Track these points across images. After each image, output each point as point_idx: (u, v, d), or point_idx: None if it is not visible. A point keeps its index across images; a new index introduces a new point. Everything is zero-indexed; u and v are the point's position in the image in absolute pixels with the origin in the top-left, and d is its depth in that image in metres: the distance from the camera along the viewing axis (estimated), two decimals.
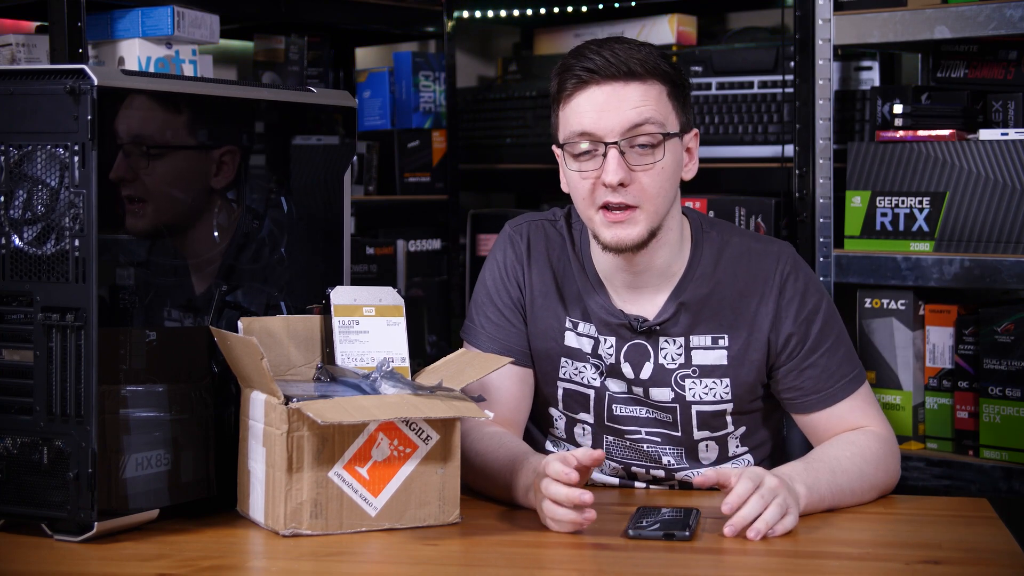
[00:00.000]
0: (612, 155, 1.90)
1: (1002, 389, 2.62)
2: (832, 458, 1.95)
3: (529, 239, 2.11)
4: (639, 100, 1.91)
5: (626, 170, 1.90)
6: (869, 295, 2.79)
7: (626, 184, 1.91)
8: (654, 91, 1.92)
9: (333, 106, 2.01)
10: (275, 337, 1.89)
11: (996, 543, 1.76)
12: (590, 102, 1.92)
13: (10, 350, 1.75)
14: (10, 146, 1.73)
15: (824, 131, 2.81)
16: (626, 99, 1.91)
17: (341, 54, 3.44)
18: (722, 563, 1.72)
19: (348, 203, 2.05)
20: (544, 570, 1.68)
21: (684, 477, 2.07)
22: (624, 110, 1.90)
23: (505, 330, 2.09)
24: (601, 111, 1.91)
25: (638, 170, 1.91)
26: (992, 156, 2.61)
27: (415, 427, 1.78)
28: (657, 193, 1.93)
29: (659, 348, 2.04)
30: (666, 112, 1.94)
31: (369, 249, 3.20)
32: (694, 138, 2.01)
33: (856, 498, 1.96)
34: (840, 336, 2.07)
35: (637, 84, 1.91)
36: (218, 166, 1.89)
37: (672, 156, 1.94)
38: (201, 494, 1.85)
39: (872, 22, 2.73)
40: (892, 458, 2.04)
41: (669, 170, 1.94)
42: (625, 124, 1.90)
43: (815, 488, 1.89)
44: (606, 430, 2.07)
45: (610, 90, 1.91)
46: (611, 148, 1.90)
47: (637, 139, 1.90)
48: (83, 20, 2.39)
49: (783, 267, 2.04)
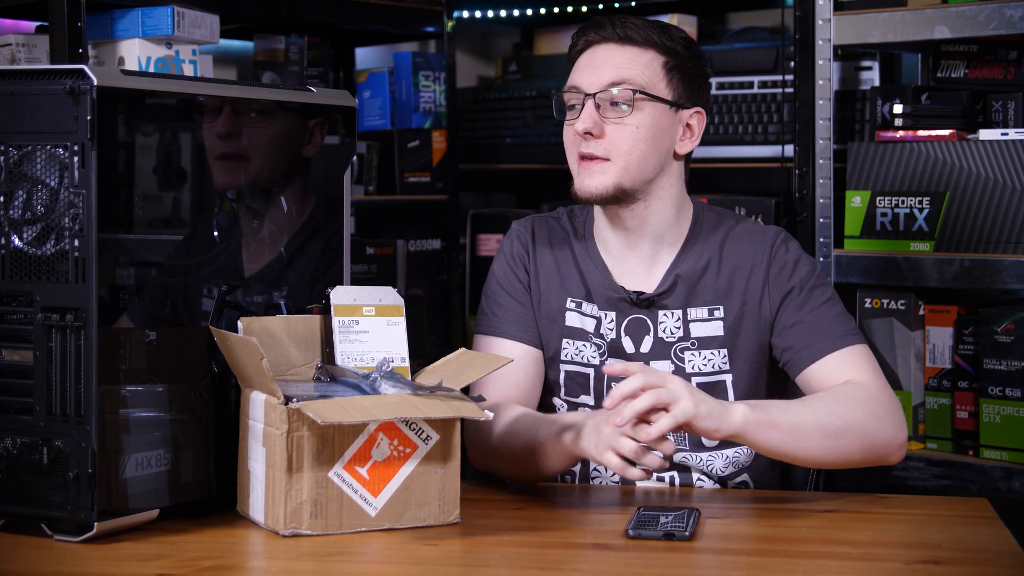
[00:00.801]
0: (587, 105, 2.03)
1: (1002, 389, 2.63)
2: (795, 399, 1.98)
3: (533, 231, 2.19)
4: (626, 61, 2.04)
5: (596, 122, 2.03)
6: (869, 295, 2.79)
7: (596, 135, 2.03)
8: (646, 56, 2.06)
9: (333, 106, 2.02)
10: (275, 337, 1.89)
11: (996, 543, 1.76)
12: (587, 60, 2.07)
13: (10, 350, 1.75)
14: (10, 146, 1.73)
15: (824, 131, 2.81)
16: (614, 58, 2.05)
17: (341, 54, 3.44)
18: (722, 563, 1.72)
19: (348, 203, 2.06)
20: (544, 570, 1.68)
21: (681, 460, 2.07)
22: (608, 69, 2.04)
23: (518, 312, 2.15)
24: (589, 68, 2.06)
25: (609, 123, 2.03)
26: (992, 156, 2.61)
27: (415, 427, 1.78)
28: (629, 150, 2.03)
29: (658, 322, 2.09)
30: (654, 78, 2.05)
31: (369, 249, 3.20)
32: (698, 116, 2.10)
33: (828, 436, 1.91)
34: (832, 300, 2.08)
35: (631, 47, 2.05)
36: (311, 135, 1.99)
37: (651, 119, 2.04)
38: (201, 494, 1.85)
39: (872, 22, 2.73)
40: (879, 405, 1.96)
41: (645, 131, 2.04)
42: (605, 80, 2.03)
43: (762, 408, 1.89)
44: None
45: (605, 50, 2.06)
46: (588, 100, 2.04)
47: (612, 95, 2.03)
48: (83, 20, 2.39)
49: (775, 241, 2.11)
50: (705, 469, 2.08)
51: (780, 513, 1.92)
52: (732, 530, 1.86)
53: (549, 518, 1.90)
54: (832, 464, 1.99)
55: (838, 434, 1.92)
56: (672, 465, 2.08)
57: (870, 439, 1.95)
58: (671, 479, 2.09)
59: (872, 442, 1.95)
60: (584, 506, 1.99)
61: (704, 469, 2.08)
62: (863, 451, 1.95)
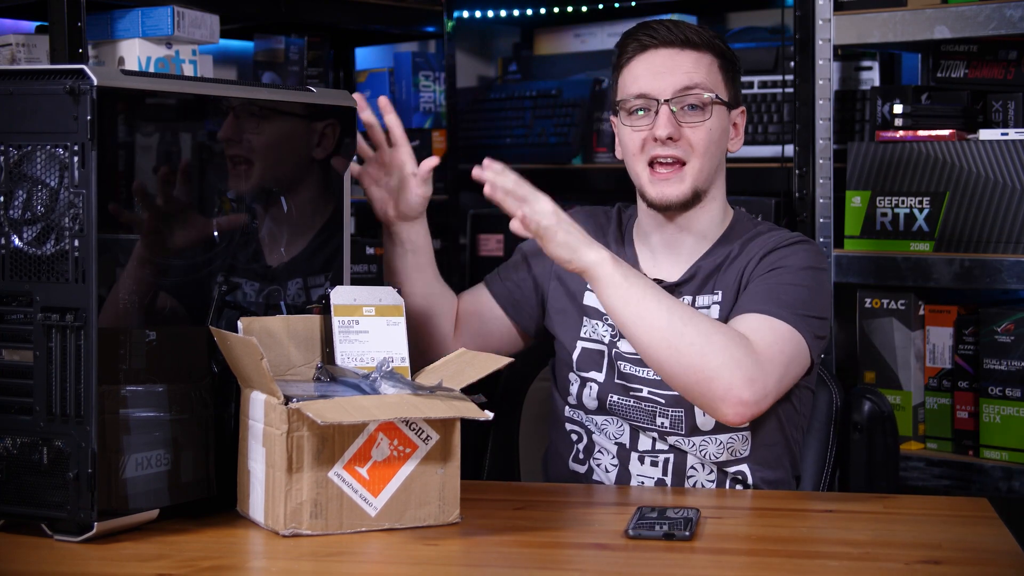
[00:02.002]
0: (664, 111, 2.08)
1: (1002, 389, 2.63)
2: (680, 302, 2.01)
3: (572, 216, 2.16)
4: (691, 66, 2.10)
5: (675, 125, 2.08)
6: (869, 295, 2.79)
7: (675, 139, 2.08)
8: (706, 60, 2.11)
9: (333, 106, 2.02)
10: (275, 337, 1.89)
11: (996, 543, 1.76)
12: (646, 65, 2.11)
13: (10, 350, 1.75)
14: (10, 146, 1.73)
15: (824, 131, 2.81)
16: (680, 64, 2.10)
17: (341, 54, 3.44)
18: (722, 563, 1.72)
19: (348, 203, 2.06)
20: (544, 570, 1.68)
21: (675, 444, 2.09)
22: (677, 73, 2.09)
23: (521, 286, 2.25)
24: (656, 73, 2.09)
25: (687, 126, 2.08)
26: (992, 156, 2.61)
27: (415, 427, 1.78)
28: (704, 151, 2.09)
29: None
30: (716, 81, 2.12)
31: (369, 249, 3.20)
32: (741, 115, 2.17)
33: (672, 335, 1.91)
34: (795, 284, 2.03)
35: (691, 51, 2.11)
36: (321, 137, 1.99)
37: (719, 122, 2.11)
38: (201, 494, 1.85)
39: (872, 22, 2.73)
40: (743, 355, 1.91)
41: (716, 133, 2.10)
42: (677, 85, 2.09)
43: (626, 270, 1.96)
44: (613, 388, 2.13)
45: (666, 54, 2.10)
46: (663, 106, 2.08)
47: (687, 99, 2.09)
48: (83, 20, 2.39)
49: (787, 240, 2.12)
50: (698, 455, 2.08)
51: (780, 513, 1.92)
52: (732, 530, 1.86)
53: (549, 518, 1.90)
54: (658, 367, 1.95)
55: (682, 342, 1.91)
56: (667, 447, 2.09)
57: (708, 371, 1.90)
58: (664, 461, 2.10)
59: (708, 375, 1.90)
60: (584, 506, 1.99)
61: (698, 455, 2.08)
62: (695, 375, 1.91)
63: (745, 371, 1.91)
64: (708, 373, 1.91)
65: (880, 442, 2.26)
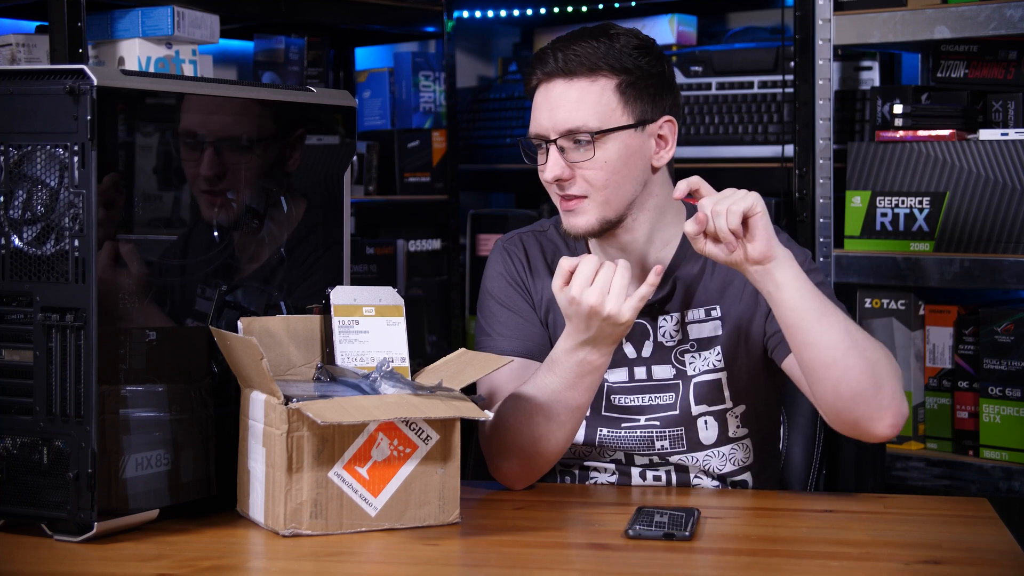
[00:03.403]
0: (551, 152, 1.98)
1: (1002, 389, 2.63)
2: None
3: (526, 251, 2.15)
4: (575, 101, 1.97)
5: (563, 166, 1.98)
6: (869, 295, 2.79)
7: (565, 179, 1.98)
8: (596, 88, 1.97)
9: (333, 106, 2.01)
10: (275, 337, 1.89)
11: (996, 543, 1.76)
12: (540, 100, 2.01)
13: (10, 350, 1.75)
14: (10, 146, 1.73)
15: (824, 131, 2.81)
16: (564, 99, 1.98)
17: (341, 54, 3.44)
18: (722, 563, 1.72)
19: (348, 203, 2.06)
20: (544, 570, 1.68)
21: (679, 461, 2.07)
22: (561, 112, 1.97)
23: (522, 327, 2.11)
24: (544, 111, 1.99)
25: (577, 165, 1.98)
26: (992, 156, 2.61)
27: (415, 427, 1.78)
28: (603, 185, 1.99)
29: (657, 327, 2.07)
30: (610, 107, 1.98)
31: (369, 249, 3.20)
32: (667, 125, 2.03)
33: (849, 336, 1.86)
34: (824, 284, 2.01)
35: (581, 80, 1.98)
36: (291, 149, 1.97)
37: (618, 149, 1.98)
38: (201, 494, 1.85)
39: (872, 22, 2.73)
40: (898, 369, 1.91)
41: (614, 163, 1.98)
42: (560, 126, 1.97)
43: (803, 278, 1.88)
44: (601, 421, 2.08)
45: (554, 88, 1.99)
46: (551, 146, 1.98)
47: (574, 137, 1.97)
48: (83, 20, 2.39)
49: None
50: (703, 468, 2.08)
51: (780, 513, 1.92)
52: (732, 530, 1.86)
53: (549, 518, 1.90)
54: (835, 372, 1.87)
55: (856, 345, 1.87)
56: (669, 464, 2.08)
57: (879, 379, 1.87)
58: (668, 478, 2.09)
59: (880, 385, 1.87)
60: (584, 506, 1.99)
61: (702, 468, 2.08)
62: (870, 384, 1.87)
63: (900, 382, 1.91)
64: (879, 381, 1.88)
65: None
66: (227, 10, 2.72)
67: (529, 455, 1.99)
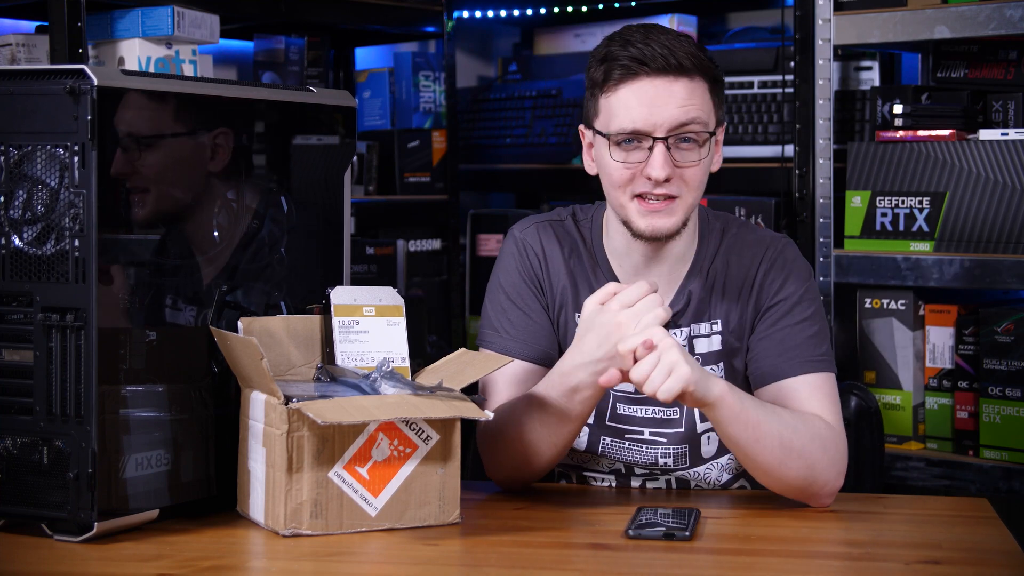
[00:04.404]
0: (659, 150, 1.91)
1: (1002, 389, 2.63)
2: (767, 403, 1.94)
3: (542, 244, 2.09)
4: (686, 98, 1.92)
5: (671, 165, 1.92)
6: (869, 295, 2.79)
7: (671, 179, 1.93)
8: (699, 88, 1.93)
9: (333, 106, 2.01)
10: (275, 337, 1.89)
11: (996, 543, 1.76)
12: (637, 96, 1.92)
13: (10, 350, 1.75)
14: (10, 146, 1.73)
15: (824, 131, 2.81)
16: (675, 95, 1.91)
17: (341, 54, 3.44)
18: (722, 563, 1.72)
19: (348, 203, 2.05)
20: (544, 570, 1.68)
21: (680, 475, 2.07)
22: (672, 107, 1.91)
23: (530, 328, 2.06)
24: (650, 107, 1.91)
25: (683, 166, 1.93)
26: (992, 156, 2.61)
27: (415, 427, 1.78)
28: (698, 186, 1.96)
29: None
30: (708, 109, 1.95)
31: (369, 249, 3.20)
32: (721, 131, 2.02)
33: (783, 449, 1.88)
34: (812, 319, 2.02)
35: (685, 80, 1.92)
36: (213, 150, 1.88)
37: (711, 153, 1.97)
38: (201, 494, 1.85)
39: (872, 22, 2.73)
40: (836, 449, 1.93)
41: (706, 165, 1.96)
42: (673, 121, 1.91)
43: (738, 394, 1.86)
44: (605, 430, 2.07)
45: (659, 84, 1.91)
46: (658, 143, 1.91)
47: (683, 135, 1.92)
48: (83, 20, 2.39)
49: (771, 253, 2.05)
50: (702, 481, 2.07)
51: (780, 513, 1.92)
52: (732, 530, 1.86)
53: (549, 518, 1.90)
54: (773, 479, 1.92)
55: (791, 453, 1.89)
56: (669, 475, 2.08)
57: (814, 473, 1.91)
58: (667, 483, 2.09)
59: (814, 478, 1.91)
60: (584, 506, 1.99)
61: (702, 479, 2.07)
62: (804, 481, 1.91)
63: (834, 466, 1.93)
64: (811, 477, 1.91)
65: (867, 437, 2.26)
66: (227, 10, 2.72)
67: (520, 464, 1.99)
